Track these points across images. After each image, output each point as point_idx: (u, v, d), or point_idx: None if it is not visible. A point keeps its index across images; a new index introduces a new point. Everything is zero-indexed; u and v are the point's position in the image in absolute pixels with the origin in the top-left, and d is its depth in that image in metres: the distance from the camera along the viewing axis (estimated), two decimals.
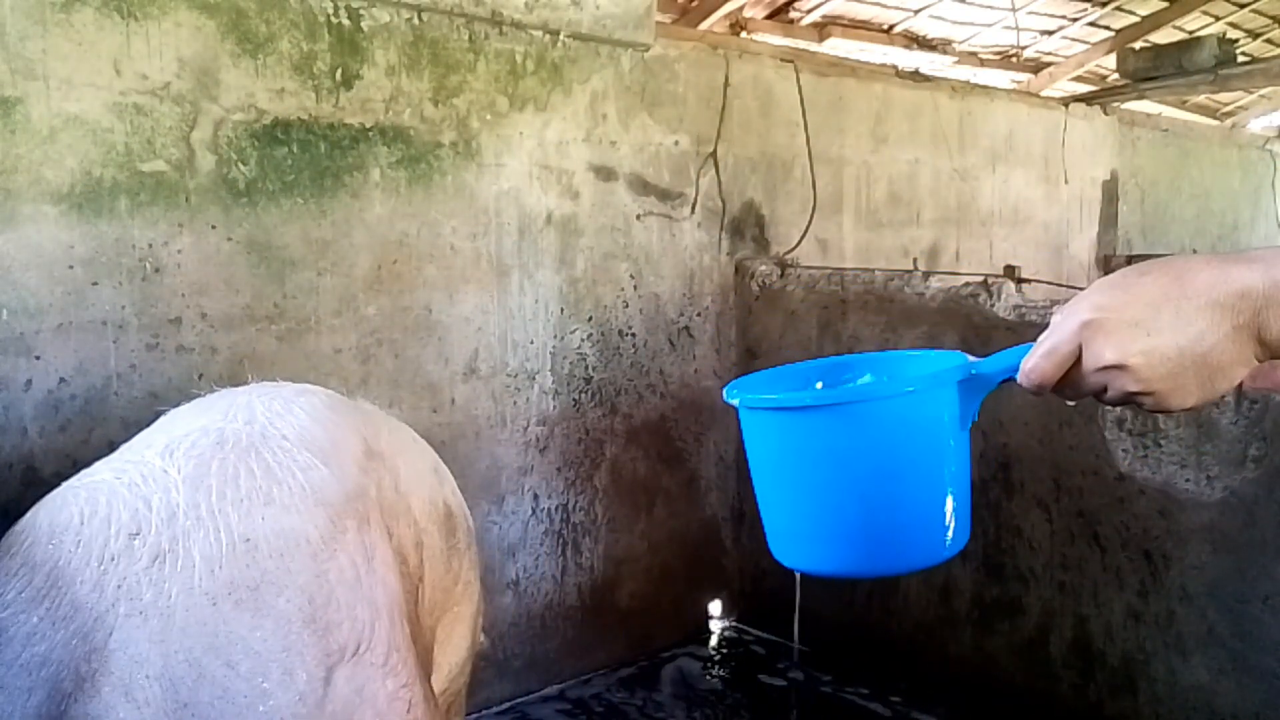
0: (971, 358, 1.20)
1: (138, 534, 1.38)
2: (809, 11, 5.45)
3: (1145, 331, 0.94)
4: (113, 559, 1.35)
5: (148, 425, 1.74)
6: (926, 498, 1.16)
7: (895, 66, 4.62)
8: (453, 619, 2.01)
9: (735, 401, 1.24)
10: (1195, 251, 5.56)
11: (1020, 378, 1.08)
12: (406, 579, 1.65)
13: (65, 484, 1.51)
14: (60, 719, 1.26)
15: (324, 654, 1.37)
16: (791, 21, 5.42)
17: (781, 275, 3.47)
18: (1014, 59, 6.35)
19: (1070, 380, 1.04)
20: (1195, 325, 0.93)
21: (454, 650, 2.02)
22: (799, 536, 1.20)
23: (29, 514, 1.47)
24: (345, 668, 1.39)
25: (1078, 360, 1.01)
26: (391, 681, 1.45)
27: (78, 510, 1.42)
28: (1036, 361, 1.04)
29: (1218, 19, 6.52)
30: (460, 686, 2.12)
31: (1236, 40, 6.22)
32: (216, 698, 1.29)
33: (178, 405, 1.80)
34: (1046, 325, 1.10)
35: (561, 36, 3.01)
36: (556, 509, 3.15)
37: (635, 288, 3.29)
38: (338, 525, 1.49)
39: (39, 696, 1.27)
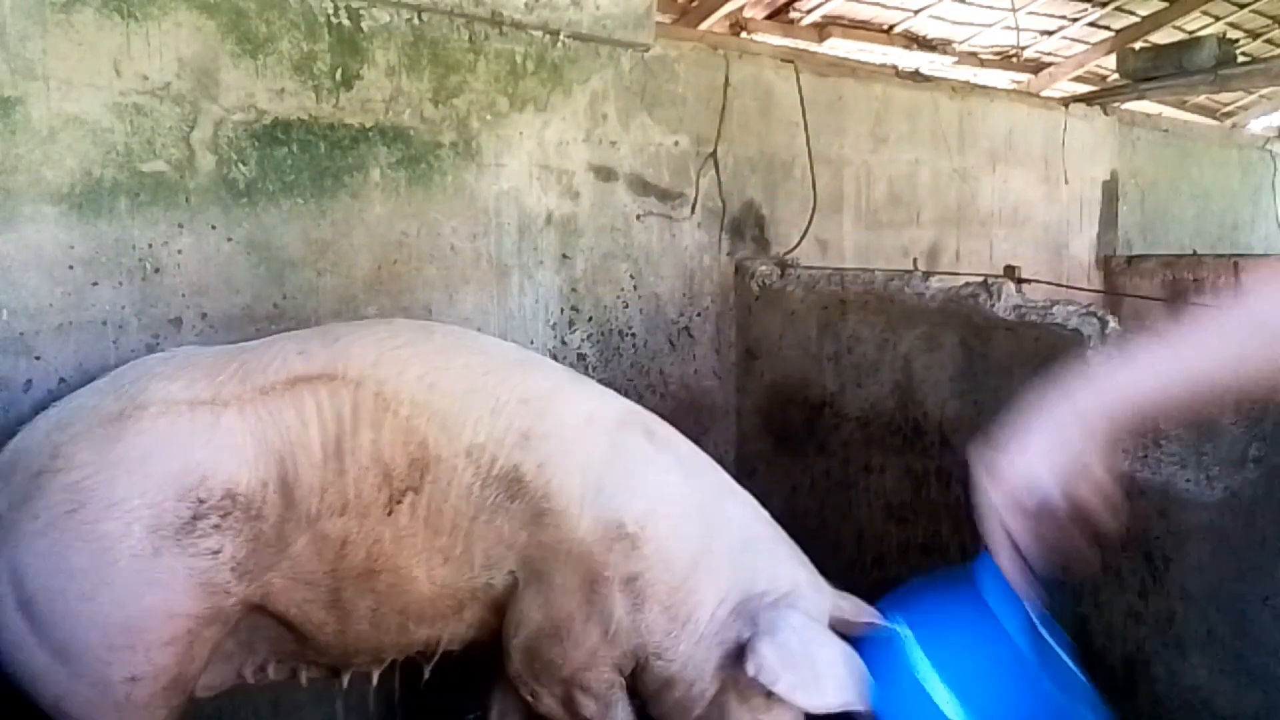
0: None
1: None
2: (809, 11, 5.45)
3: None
4: None
5: None
6: None
7: (895, 66, 4.62)
8: None
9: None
10: (1195, 252, 5.56)
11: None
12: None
13: None
14: None
15: None
16: (791, 21, 5.42)
17: (781, 275, 3.47)
18: (1014, 59, 6.35)
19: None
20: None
21: None
22: None
23: None
24: None
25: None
26: None
27: None
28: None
29: (1218, 19, 6.52)
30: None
31: (1236, 40, 6.22)
32: None
33: None
34: (1045, 325, 1.11)
35: (561, 37, 3.01)
36: None
37: (635, 288, 3.29)
38: None
39: None
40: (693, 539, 2.06)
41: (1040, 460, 1.04)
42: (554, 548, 1.98)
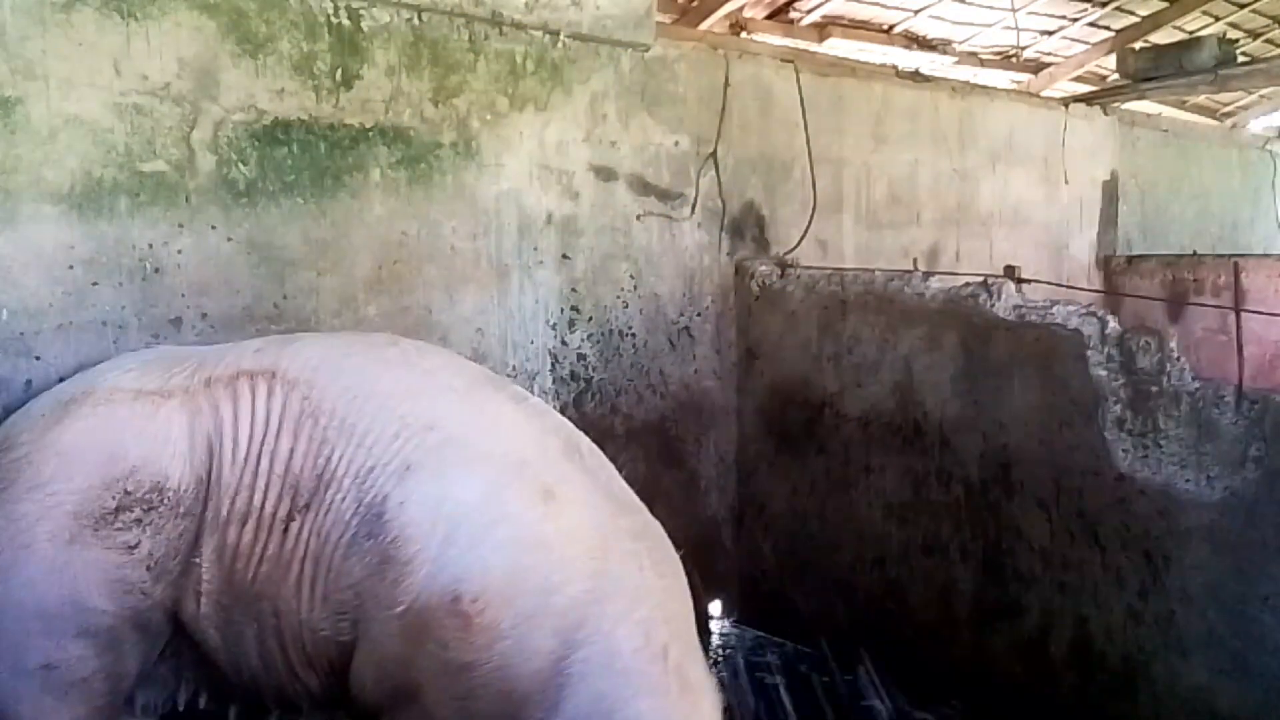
0: None
1: None
2: (809, 11, 5.44)
3: None
4: None
5: None
6: None
7: (895, 67, 4.62)
8: None
9: None
10: (1195, 252, 5.55)
11: None
12: None
13: None
14: None
15: None
16: (791, 21, 5.42)
17: (781, 275, 3.47)
18: (1014, 59, 6.34)
19: None
20: None
21: None
22: None
23: None
24: None
25: None
26: None
27: None
28: None
29: (1218, 19, 6.52)
30: None
31: (1236, 40, 6.21)
32: None
33: None
34: (1045, 325, 1.11)
35: (561, 37, 3.00)
36: None
37: (635, 288, 3.29)
38: None
39: None
40: (548, 635, 1.65)
41: None
42: (387, 606, 1.69)
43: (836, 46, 5.50)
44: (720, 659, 3.44)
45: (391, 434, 1.79)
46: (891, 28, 5.89)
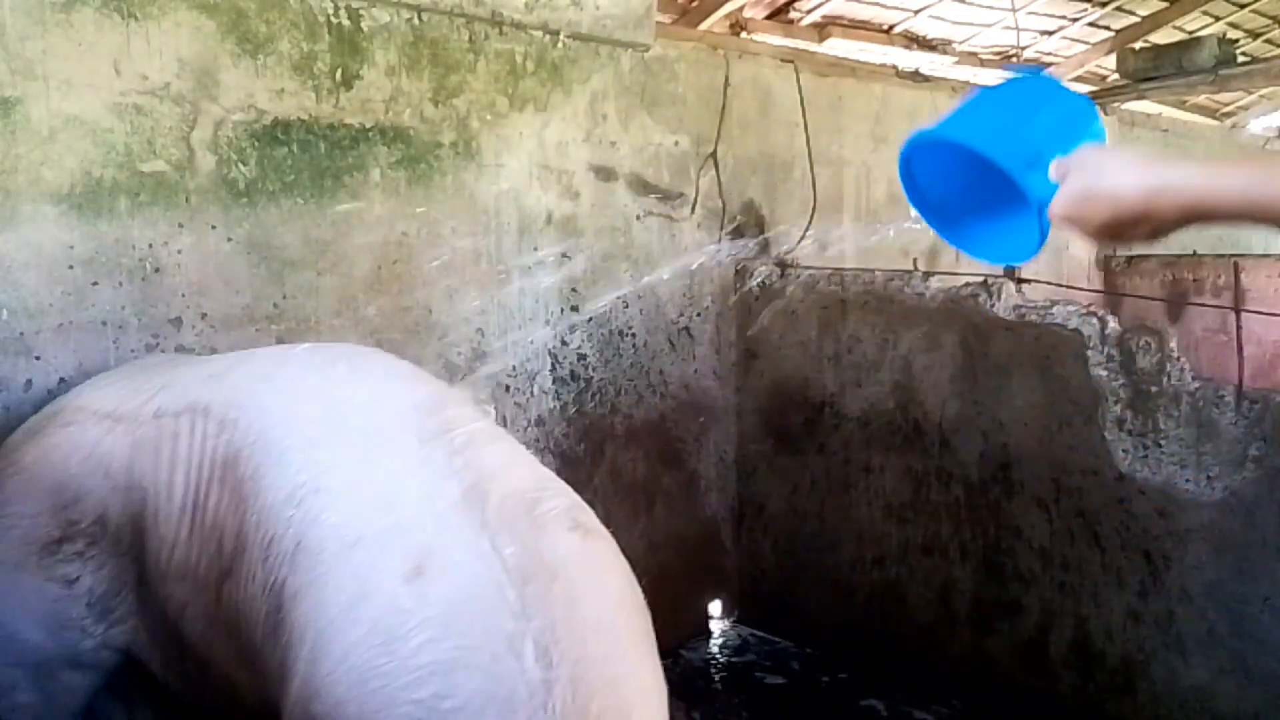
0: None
1: None
2: (809, 11, 5.44)
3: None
4: None
5: None
6: None
7: (895, 66, 4.61)
8: None
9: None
10: (1195, 252, 5.55)
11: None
12: None
13: None
14: None
15: None
16: (791, 21, 5.41)
17: (781, 275, 3.47)
18: (1014, 59, 6.34)
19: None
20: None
21: None
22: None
23: None
24: None
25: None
26: None
27: None
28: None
29: (1218, 19, 6.51)
30: None
31: (1236, 40, 6.21)
32: None
33: None
34: (1045, 325, 1.13)
35: (561, 37, 3.00)
36: None
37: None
38: None
39: None
40: None
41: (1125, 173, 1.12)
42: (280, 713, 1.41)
43: (836, 46, 5.49)
44: (720, 659, 3.44)
45: (285, 496, 1.48)
46: (891, 28, 5.89)
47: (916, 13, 5.76)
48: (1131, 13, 6.26)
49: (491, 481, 1.49)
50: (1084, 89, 6.26)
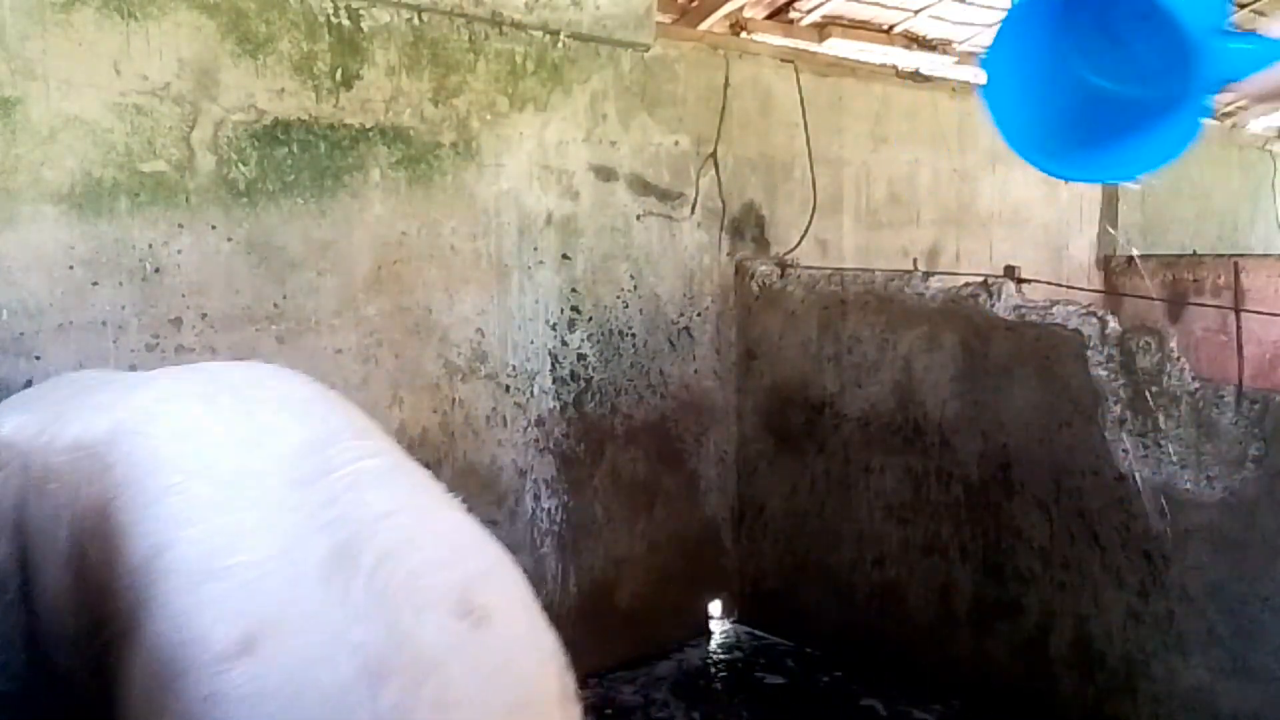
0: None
1: None
2: (809, 11, 5.44)
3: None
4: None
5: None
6: None
7: (895, 66, 4.61)
8: None
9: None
10: (1195, 252, 5.56)
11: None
12: None
13: None
14: None
15: None
16: (791, 21, 5.41)
17: (781, 275, 3.47)
18: None
19: None
20: None
21: None
22: None
23: None
24: None
25: None
26: None
27: None
28: None
29: None
30: None
31: None
32: None
33: None
34: (1045, 325, 1.12)
35: (561, 37, 3.00)
36: (556, 509, 3.15)
37: (635, 288, 3.29)
38: None
39: None
40: None
41: None
42: None
43: (836, 46, 5.49)
44: (720, 659, 3.44)
45: (132, 566, 1.28)
46: (891, 28, 5.89)
47: (916, 13, 5.76)
48: None
49: (369, 539, 1.24)
50: None
